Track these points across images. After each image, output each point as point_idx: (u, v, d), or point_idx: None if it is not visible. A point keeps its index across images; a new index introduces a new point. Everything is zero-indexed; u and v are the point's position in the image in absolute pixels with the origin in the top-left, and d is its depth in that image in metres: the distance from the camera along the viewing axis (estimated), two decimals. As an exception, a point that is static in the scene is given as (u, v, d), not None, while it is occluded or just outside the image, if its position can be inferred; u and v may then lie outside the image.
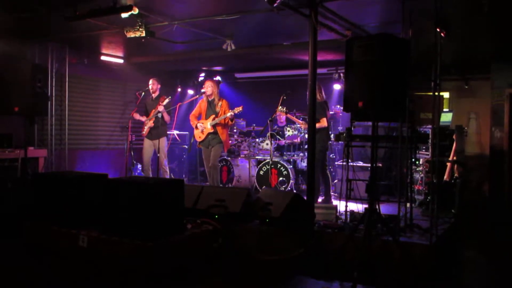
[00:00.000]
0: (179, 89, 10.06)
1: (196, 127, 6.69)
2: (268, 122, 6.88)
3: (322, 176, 6.25)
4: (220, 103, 6.62)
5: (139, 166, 7.82)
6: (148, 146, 7.21)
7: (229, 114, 6.40)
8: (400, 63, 3.80)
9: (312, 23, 4.49)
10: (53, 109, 7.54)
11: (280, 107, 6.93)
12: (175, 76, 9.95)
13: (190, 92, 9.99)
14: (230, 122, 6.59)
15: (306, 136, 6.69)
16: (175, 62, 8.44)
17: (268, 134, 7.31)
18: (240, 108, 6.42)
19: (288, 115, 7.16)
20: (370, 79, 3.73)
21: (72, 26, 5.80)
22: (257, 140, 7.81)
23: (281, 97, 6.85)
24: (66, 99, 7.76)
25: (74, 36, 6.67)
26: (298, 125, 7.31)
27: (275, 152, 7.62)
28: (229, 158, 8.04)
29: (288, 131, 7.53)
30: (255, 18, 5.50)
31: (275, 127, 7.94)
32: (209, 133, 6.57)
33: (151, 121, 7.10)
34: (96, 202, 4.16)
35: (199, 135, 6.68)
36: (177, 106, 7.01)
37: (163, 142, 7.12)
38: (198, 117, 6.82)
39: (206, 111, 6.69)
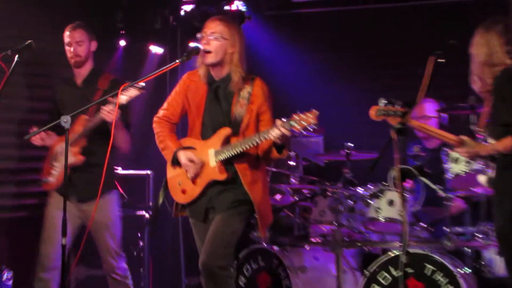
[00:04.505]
0: (122, 43, 6.79)
1: (176, 164, 4.38)
2: (392, 137, 4.46)
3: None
4: (247, 89, 4.32)
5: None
6: (58, 216, 4.78)
7: (278, 132, 4.21)
8: None
9: None
10: None
11: (390, 106, 4.84)
12: (112, 8, 6.89)
13: (156, 50, 6.91)
14: (283, 154, 4.39)
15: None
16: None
17: (393, 172, 5.10)
18: (312, 118, 4.12)
19: (415, 123, 4.86)
20: None
21: None
22: (360, 192, 5.40)
23: (429, 63, 4.50)
24: None
25: None
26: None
27: (415, 227, 5.21)
28: (277, 247, 5.79)
29: (456, 161, 4.99)
30: None
31: (413, 148, 5.75)
32: (212, 181, 4.35)
33: (78, 147, 4.96)
34: None
35: (181, 188, 4.40)
36: (120, 89, 4.25)
37: (112, 204, 5.06)
38: (178, 127, 4.58)
39: (208, 110, 4.41)
